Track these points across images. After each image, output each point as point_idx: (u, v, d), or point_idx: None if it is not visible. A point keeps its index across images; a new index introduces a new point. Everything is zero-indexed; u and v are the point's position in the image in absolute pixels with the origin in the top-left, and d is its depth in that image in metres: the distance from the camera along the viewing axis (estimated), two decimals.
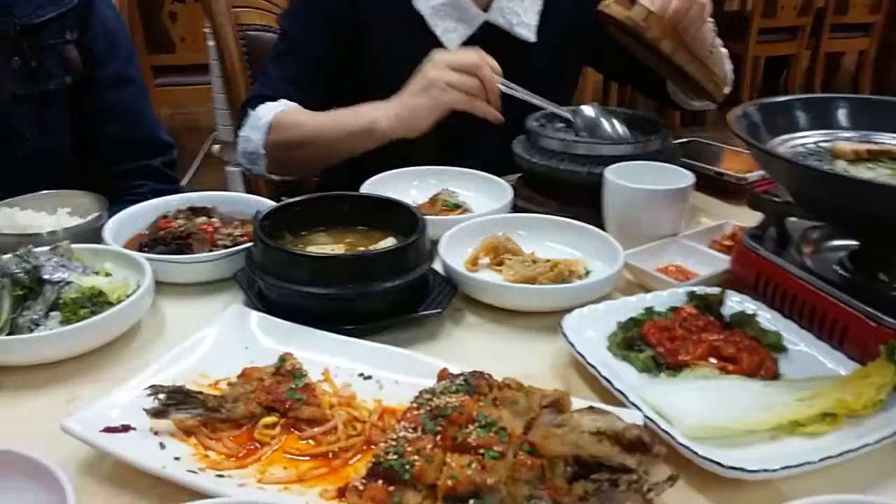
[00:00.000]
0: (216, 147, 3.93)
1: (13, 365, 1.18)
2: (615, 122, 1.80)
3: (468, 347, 1.30)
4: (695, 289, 1.33)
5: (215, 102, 3.97)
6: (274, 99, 1.96)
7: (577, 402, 1.06)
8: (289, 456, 1.00)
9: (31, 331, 1.19)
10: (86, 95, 1.96)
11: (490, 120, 1.73)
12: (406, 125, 1.76)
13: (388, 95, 1.80)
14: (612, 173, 1.57)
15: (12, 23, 1.78)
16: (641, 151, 1.68)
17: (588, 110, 1.81)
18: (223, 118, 3.92)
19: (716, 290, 1.32)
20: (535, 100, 1.79)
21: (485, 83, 1.72)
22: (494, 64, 1.74)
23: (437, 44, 1.94)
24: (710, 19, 1.77)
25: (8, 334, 1.19)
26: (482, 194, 1.80)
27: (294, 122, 1.90)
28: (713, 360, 1.18)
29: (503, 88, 1.75)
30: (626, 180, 1.55)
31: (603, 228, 1.56)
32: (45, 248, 1.30)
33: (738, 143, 1.32)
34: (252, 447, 1.01)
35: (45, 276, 1.23)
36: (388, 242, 1.38)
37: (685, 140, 2.15)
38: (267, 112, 1.92)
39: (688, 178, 1.58)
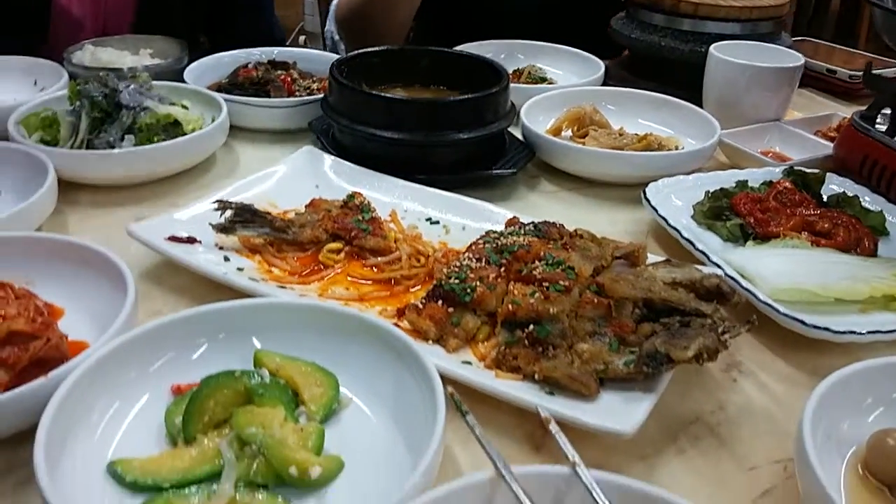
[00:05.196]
0: (302, 38, 3.93)
1: (88, 182, 1.19)
2: None
3: (541, 212, 1.23)
4: (793, 166, 1.24)
5: None
6: None
7: (653, 260, 1.00)
8: (351, 279, 0.98)
9: None
10: None
11: None
12: None
13: None
14: (717, 49, 1.46)
15: None
16: (751, 32, 1.56)
17: None
18: (310, 7, 3.91)
19: (816, 170, 1.22)
20: None
21: None
22: None
23: None
24: None
25: None
26: (572, 73, 1.72)
27: None
28: (805, 235, 1.10)
29: None
30: (731, 58, 1.44)
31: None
32: (125, 78, 1.29)
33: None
34: (316, 268, 1.00)
35: (123, 102, 1.22)
36: None
37: (797, 39, 2.00)
38: None
39: (796, 58, 1.46)
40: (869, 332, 0.87)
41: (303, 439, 0.70)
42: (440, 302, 0.87)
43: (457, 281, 0.88)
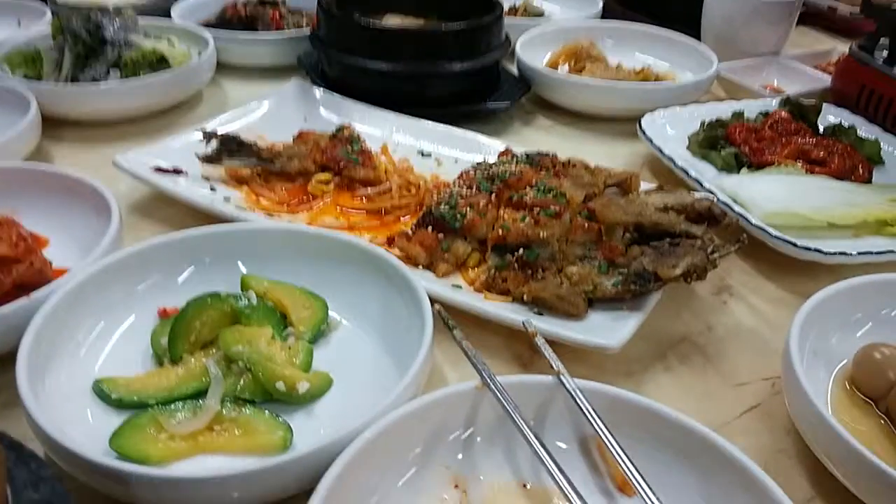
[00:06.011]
0: None
1: (73, 118, 1.17)
2: None
3: (537, 146, 1.18)
4: (790, 96, 1.22)
5: None
6: None
7: (646, 187, 0.99)
8: (341, 209, 0.97)
9: None
10: None
11: None
12: None
13: None
14: None
15: None
16: None
17: None
18: None
19: (813, 100, 1.20)
20: None
21: None
22: None
23: None
24: None
25: None
26: (569, 8, 1.69)
27: None
28: (800, 163, 1.08)
29: None
30: None
31: None
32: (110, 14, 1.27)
33: None
34: (305, 199, 0.98)
35: (108, 37, 1.20)
36: None
37: None
38: None
39: None
40: (860, 254, 0.87)
41: (290, 356, 0.69)
42: (430, 228, 0.86)
43: (447, 207, 0.87)
